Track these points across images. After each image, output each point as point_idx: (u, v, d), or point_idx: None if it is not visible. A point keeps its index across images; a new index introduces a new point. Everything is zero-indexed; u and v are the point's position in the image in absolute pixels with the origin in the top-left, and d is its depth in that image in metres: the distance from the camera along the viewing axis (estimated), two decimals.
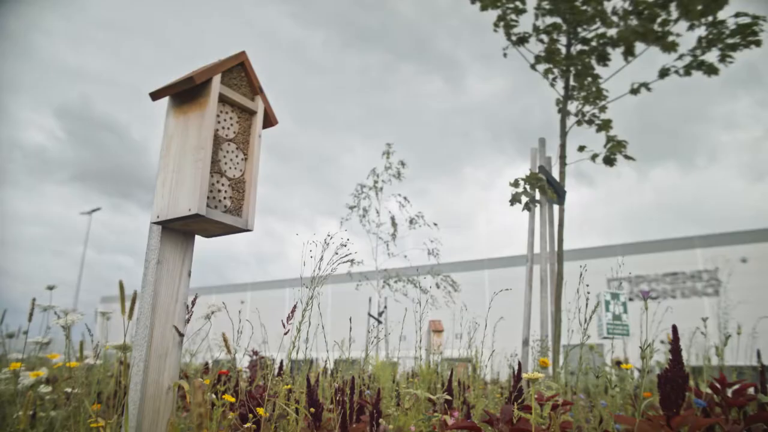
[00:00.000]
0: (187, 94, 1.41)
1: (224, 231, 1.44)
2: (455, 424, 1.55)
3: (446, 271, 13.10)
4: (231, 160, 1.43)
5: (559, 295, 3.64)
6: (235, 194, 1.42)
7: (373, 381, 2.60)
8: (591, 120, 3.59)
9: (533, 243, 3.86)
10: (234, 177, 1.43)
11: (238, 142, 1.46)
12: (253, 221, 1.44)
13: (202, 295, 2.58)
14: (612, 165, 3.63)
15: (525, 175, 3.65)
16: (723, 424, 1.63)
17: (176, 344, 1.37)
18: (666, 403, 1.40)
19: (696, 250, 29.42)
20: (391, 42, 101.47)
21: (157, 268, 1.35)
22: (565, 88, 3.63)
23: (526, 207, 3.78)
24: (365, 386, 2.44)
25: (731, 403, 1.69)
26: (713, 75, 3.31)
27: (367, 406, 2.22)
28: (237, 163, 1.45)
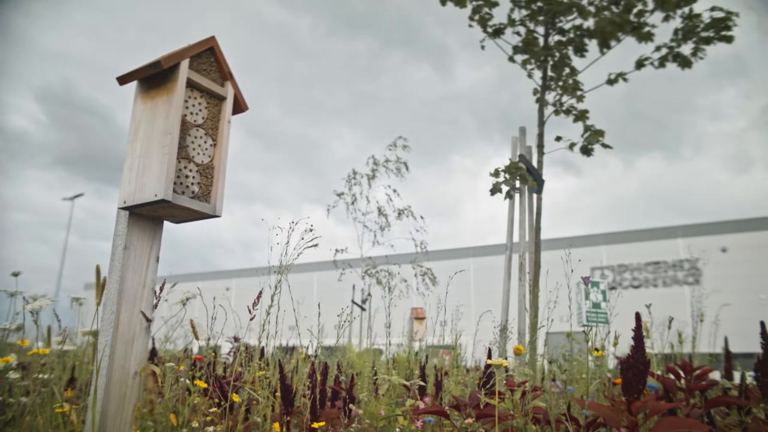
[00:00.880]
0: (154, 79, 1.40)
1: (192, 217, 1.44)
2: (423, 409, 1.57)
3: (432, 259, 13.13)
4: (199, 146, 1.42)
5: (537, 283, 3.68)
6: (203, 180, 1.42)
7: (349, 367, 2.63)
8: (569, 110, 3.61)
9: (513, 231, 3.89)
10: (202, 163, 1.42)
11: (207, 128, 1.45)
12: (221, 207, 1.44)
13: (187, 282, 2.53)
14: (589, 154, 3.67)
15: (504, 165, 3.67)
16: (683, 407, 1.67)
17: (144, 329, 1.38)
18: (627, 389, 1.43)
19: (678, 240, 29.83)
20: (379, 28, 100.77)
21: (124, 254, 1.35)
22: (543, 79, 3.65)
23: (507, 196, 3.80)
24: (341, 372, 2.46)
25: (692, 388, 1.73)
26: (686, 68, 3.35)
27: (341, 392, 2.25)
28: (205, 149, 1.44)
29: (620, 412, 1.40)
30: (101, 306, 1.38)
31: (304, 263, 36.79)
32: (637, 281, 30.31)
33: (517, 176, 3.73)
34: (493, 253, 31.62)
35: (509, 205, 3.85)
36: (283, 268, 1.42)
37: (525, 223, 3.81)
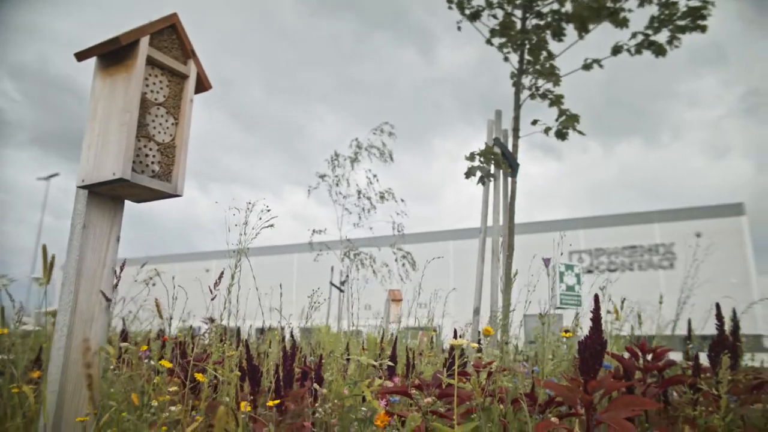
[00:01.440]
0: (113, 56, 1.37)
1: (153, 196, 1.43)
2: (387, 389, 1.59)
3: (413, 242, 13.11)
4: (160, 125, 1.41)
5: (510, 266, 3.72)
6: (164, 159, 1.41)
7: (319, 348, 2.64)
8: (545, 94, 3.63)
9: (487, 215, 3.92)
10: (163, 142, 1.41)
11: (169, 107, 1.43)
12: (182, 186, 1.43)
13: (166, 264, 2.50)
14: (564, 139, 3.69)
15: (480, 149, 3.69)
16: (639, 386, 1.71)
17: (103, 309, 1.37)
18: (584, 369, 1.46)
19: (654, 225, 30.31)
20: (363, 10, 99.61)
21: (82, 233, 1.34)
22: (520, 62, 3.66)
23: (480, 181, 3.82)
24: (311, 353, 2.47)
25: (648, 368, 1.78)
26: (661, 56, 3.38)
27: (310, 373, 2.26)
28: (167, 128, 1.42)
29: (576, 391, 1.44)
30: (60, 286, 1.37)
31: (284, 245, 36.69)
32: (613, 265, 30.80)
33: (492, 160, 3.75)
34: (473, 236, 31.80)
35: (484, 188, 3.88)
36: (243, 248, 1.42)
37: (499, 207, 3.84)
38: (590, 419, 1.42)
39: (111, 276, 1.40)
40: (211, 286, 1.45)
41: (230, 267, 1.47)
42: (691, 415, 1.64)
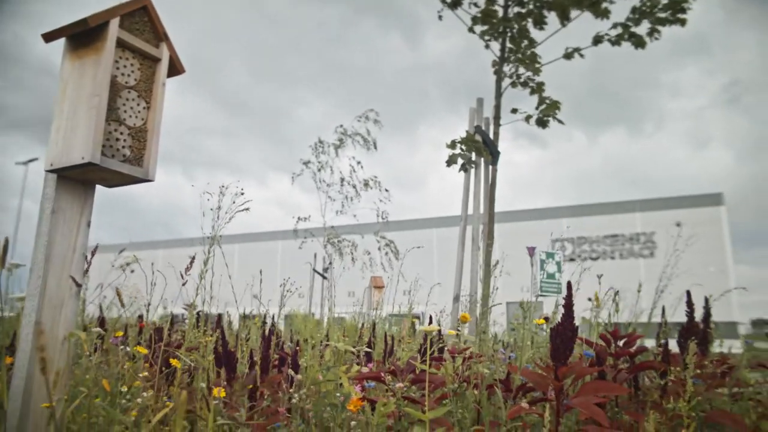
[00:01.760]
0: (82, 38, 1.34)
1: (124, 181, 1.41)
2: (360, 374, 1.60)
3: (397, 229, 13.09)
4: (131, 108, 1.38)
5: (490, 253, 3.75)
6: (135, 143, 1.39)
7: (297, 334, 2.64)
8: (526, 82, 3.64)
9: (468, 202, 3.94)
10: (134, 126, 1.39)
11: (140, 90, 1.41)
12: (154, 171, 1.41)
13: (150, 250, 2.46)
14: (545, 127, 3.71)
15: (461, 137, 3.69)
16: (610, 372, 1.74)
17: (73, 295, 1.35)
18: (555, 355, 1.48)
19: (635, 214, 30.68)
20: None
21: (51, 218, 1.32)
22: (502, 50, 3.66)
23: (462, 168, 3.83)
24: (290, 339, 2.48)
25: (619, 354, 1.81)
26: (640, 48, 3.40)
27: (287, 359, 2.27)
28: (138, 112, 1.40)
29: (547, 377, 1.46)
30: (29, 271, 1.35)
31: (269, 231, 36.52)
32: (595, 253, 31.17)
33: (474, 148, 3.75)
34: (457, 224, 31.92)
35: (465, 176, 3.89)
36: (216, 234, 1.41)
37: (480, 194, 3.86)
38: (560, 404, 1.44)
39: (81, 261, 1.38)
40: (182, 271, 1.44)
41: (204, 253, 1.46)
42: (658, 399, 1.67)
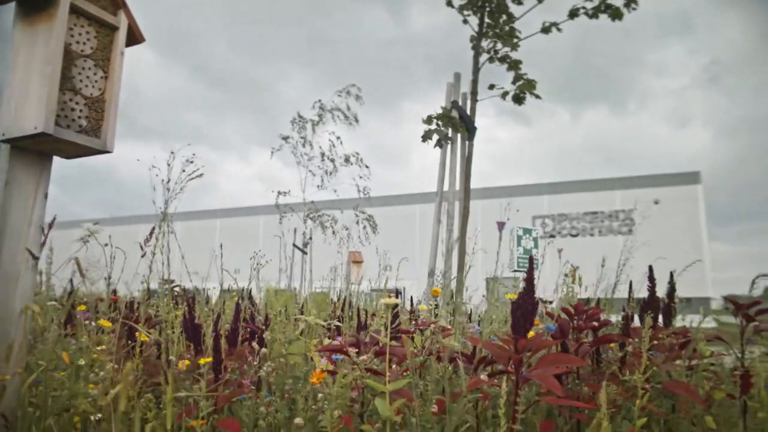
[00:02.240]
0: (34, 3, 1.30)
1: (81, 152, 1.38)
2: (324, 347, 1.62)
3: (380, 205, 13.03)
4: (88, 78, 1.35)
5: (465, 229, 3.77)
6: (92, 114, 1.36)
7: (267, 308, 2.65)
8: (503, 58, 3.63)
9: (444, 178, 3.94)
10: (91, 96, 1.36)
11: (97, 59, 1.38)
12: (112, 142, 1.39)
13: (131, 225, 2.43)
14: (521, 103, 3.71)
15: (437, 113, 3.68)
16: (571, 345, 1.78)
17: (30, 267, 1.33)
18: (516, 328, 1.50)
19: (615, 192, 31.03)
20: None
21: (5, 190, 1.29)
22: (480, 25, 3.63)
23: (438, 144, 3.83)
24: (258, 313, 2.48)
25: (581, 327, 1.84)
26: (617, 19, 3.40)
27: (258, 332, 2.27)
28: (95, 81, 1.37)
29: (506, 349, 1.48)
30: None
31: (250, 206, 36.30)
32: (575, 230, 31.55)
33: (450, 123, 3.75)
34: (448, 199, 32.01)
35: (441, 151, 3.88)
36: (168, 206, 1.39)
37: (456, 170, 3.86)
38: (519, 376, 1.47)
39: (38, 234, 1.36)
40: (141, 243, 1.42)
41: (158, 226, 1.44)
42: (617, 371, 1.71)
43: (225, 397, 1.71)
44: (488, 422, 1.71)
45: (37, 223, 1.36)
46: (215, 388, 1.65)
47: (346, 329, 2.47)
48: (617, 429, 1.54)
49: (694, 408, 1.77)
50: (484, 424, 1.69)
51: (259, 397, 1.74)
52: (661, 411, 1.71)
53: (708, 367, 1.87)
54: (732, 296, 2.23)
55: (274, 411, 1.56)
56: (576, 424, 1.77)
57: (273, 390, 1.75)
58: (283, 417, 1.53)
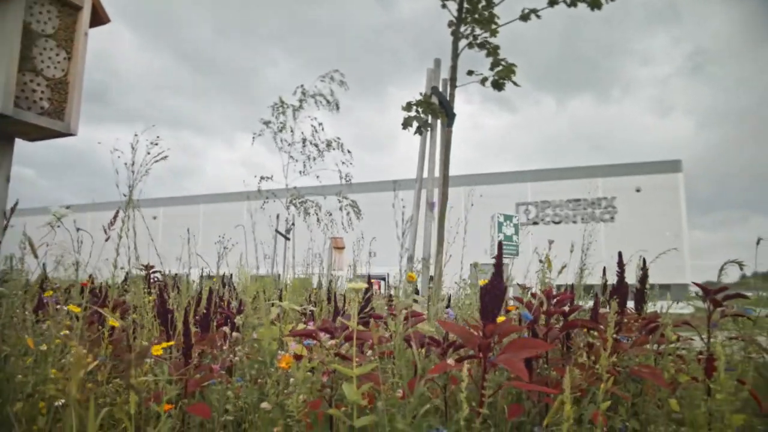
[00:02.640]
0: None
1: (44, 135, 1.36)
2: (294, 332, 1.62)
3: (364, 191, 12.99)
4: (50, 59, 1.32)
5: (443, 215, 3.78)
6: (55, 95, 1.33)
7: (243, 294, 2.65)
8: (482, 44, 3.62)
9: (424, 165, 3.94)
10: (53, 77, 1.33)
11: (60, 40, 1.35)
12: (76, 125, 1.36)
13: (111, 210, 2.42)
14: (500, 89, 3.71)
15: (416, 99, 3.67)
16: (540, 330, 1.80)
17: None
18: (484, 313, 1.51)
19: (598, 179, 31.30)
20: None
21: None
22: (459, 11, 3.61)
23: (417, 131, 3.82)
24: (233, 299, 2.48)
25: (551, 312, 1.86)
26: (596, 8, 3.40)
27: (232, 317, 2.27)
28: (58, 62, 1.34)
29: (474, 334, 1.50)
30: None
31: (234, 192, 36.05)
32: (558, 217, 31.84)
33: (430, 110, 3.74)
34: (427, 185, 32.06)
35: (421, 139, 3.88)
36: (132, 191, 1.37)
37: (435, 157, 3.86)
38: (487, 361, 1.49)
39: (0, 218, 1.33)
40: (105, 227, 1.41)
41: (123, 210, 1.42)
42: (585, 356, 1.74)
43: (195, 382, 1.71)
44: (457, 405, 1.73)
45: (0, 207, 1.33)
46: (185, 372, 1.65)
47: (324, 315, 2.48)
48: (583, 411, 1.56)
49: (659, 391, 1.80)
50: (454, 407, 1.71)
51: (231, 382, 1.74)
52: (627, 394, 1.74)
53: (674, 351, 1.90)
54: (709, 283, 2.27)
55: (243, 396, 1.56)
56: (544, 407, 1.79)
57: (245, 375, 1.75)
58: (251, 402, 1.53)
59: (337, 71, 9.15)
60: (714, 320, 1.96)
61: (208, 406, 1.59)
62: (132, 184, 1.35)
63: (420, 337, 1.95)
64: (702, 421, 1.54)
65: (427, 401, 1.46)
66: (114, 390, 1.60)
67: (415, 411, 1.38)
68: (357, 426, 1.33)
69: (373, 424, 1.38)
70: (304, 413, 1.40)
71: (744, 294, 2.03)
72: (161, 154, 1.33)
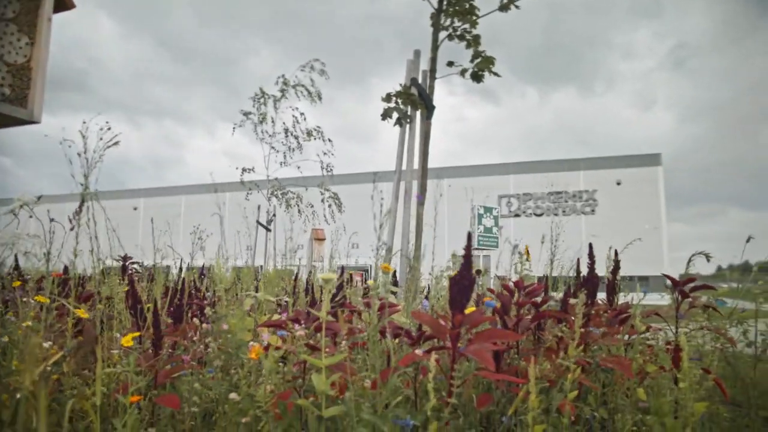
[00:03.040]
0: None
1: (5, 122, 1.33)
2: (264, 323, 1.61)
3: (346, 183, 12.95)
4: (11, 44, 1.29)
5: (422, 207, 3.79)
6: (16, 82, 1.30)
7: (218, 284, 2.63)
8: (462, 35, 3.61)
9: (403, 156, 3.94)
10: (15, 63, 1.30)
11: (21, 24, 1.32)
12: (40, 112, 1.34)
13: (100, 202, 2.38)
14: (479, 81, 3.71)
15: (396, 91, 3.66)
16: (510, 320, 1.82)
17: None
18: (453, 304, 1.52)
19: (579, 172, 31.59)
20: None
21: None
22: (439, 1, 3.60)
23: (397, 122, 3.81)
24: (206, 289, 2.46)
25: (521, 303, 1.88)
26: None
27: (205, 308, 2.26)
28: (19, 48, 1.31)
29: (444, 325, 1.50)
30: None
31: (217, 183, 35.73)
32: (540, 209, 32.09)
33: (409, 101, 3.73)
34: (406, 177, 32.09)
35: (400, 130, 3.88)
36: (86, 182, 1.35)
37: (414, 148, 3.86)
38: (456, 351, 1.50)
39: None
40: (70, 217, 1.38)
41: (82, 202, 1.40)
42: (555, 346, 1.76)
43: (166, 373, 1.70)
44: (428, 395, 1.74)
45: None
46: (154, 363, 1.64)
47: (301, 306, 2.48)
48: (551, 401, 1.58)
49: (628, 381, 1.83)
50: (425, 397, 1.72)
51: (203, 373, 1.73)
52: (596, 384, 1.77)
53: (643, 341, 1.93)
54: (687, 275, 2.31)
55: (212, 387, 1.56)
56: (514, 397, 1.81)
57: (214, 366, 1.74)
58: (219, 393, 1.53)
59: (318, 60, 9.06)
60: (682, 311, 2.00)
61: (179, 397, 1.59)
62: (87, 172, 1.33)
63: (394, 328, 1.96)
64: (667, 410, 1.57)
65: (400, 392, 1.47)
66: (82, 382, 1.58)
67: (387, 401, 1.39)
68: (325, 416, 1.34)
69: (342, 415, 1.38)
70: (273, 403, 1.40)
71: (710, 285, 2.07)
72: (113, 139, 1.31)
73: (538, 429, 1.39)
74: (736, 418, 2.07)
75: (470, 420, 1.71)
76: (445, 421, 1.46)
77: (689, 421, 1.60)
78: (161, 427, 1.66)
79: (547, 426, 1.52)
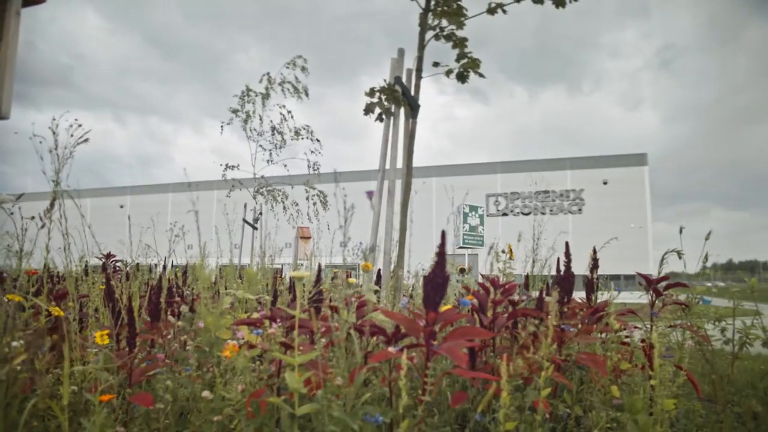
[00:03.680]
0: None
1: None
2: (239, 321, 1.61)
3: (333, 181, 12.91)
4: None
5: (406, 205, 3.79)
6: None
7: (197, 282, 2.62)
8: (449, 35, 3.62)
9: (387, 154, 3.93)
10: None
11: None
12: (8, 108, 1.32)
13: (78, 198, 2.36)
14: (464, 81, 3.72)
15: (380, 87, 3.65)
16: (486, 318, 1.83)
17: None
18: (427, 302, 1.52)
19: (566, 171, 31.78)
20: None
21: None
22: (427, 2, 3.60)
23: (379, 118, 3.80)
24: (187, 287, 2.45)
25: (497, 302, 1.89)
26: (561, 7, 3.43)
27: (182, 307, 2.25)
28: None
29: (417, 323, 1.51)
30: None
31: (204, 181, 35.53)
32: (527, 208, 32.25)
33: (393, 99, 3.73)
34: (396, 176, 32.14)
35: (384, 127, 3.87)
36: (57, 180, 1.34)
37: (398, 146, 3.86)
38: (430, 349, 1.50)
39: None
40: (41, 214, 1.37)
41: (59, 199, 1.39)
42: (530, 344, 1.77)
43: (140, 371, 1.69)
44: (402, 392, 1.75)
45: None
46: (128, 361, 1.63)
47: (282, 304, 2.47)
48: (525, 398, 1.60)
49: (602, 378, 1.85)
50: (399, 395, 1.73)
51: (180, 371, 1.72)
52: (570, 382, 1.78)
53: (619, 339, 1.95)
54: (671, 273, 2.34)
55: (185, 385, 1.55)
56: None
57: (189, 364, 1.73)
58: (194, 391, 1.52)
59: (300, 57, 9.01)
60: (656, 309, 2.02)
61: (151, 395, 1.58)
62: (58, 168, 1.32)
63: (372, 327, 1.96)
64: (640, 406, 1.58)
65: (368, 390, 1.47)
66: (54, 380, 1.57)
67: (355, 399, 1.39)
68: (298, 414, 1.33)
69: (315, 412, 1.38)
70: (246, 401, 1.40)
71: (683, 283, 2.09)
72: (83, 136, 1.30)
73: (510, 426, 1.40)
74: (710, 414, 2.09)
75: (445, 417, 1.72)
76: (420, 418, 1.47)
77: (661, 417, 1.62)
78: (136, 426, 1.65)
79: (519, 423, 1.53)
